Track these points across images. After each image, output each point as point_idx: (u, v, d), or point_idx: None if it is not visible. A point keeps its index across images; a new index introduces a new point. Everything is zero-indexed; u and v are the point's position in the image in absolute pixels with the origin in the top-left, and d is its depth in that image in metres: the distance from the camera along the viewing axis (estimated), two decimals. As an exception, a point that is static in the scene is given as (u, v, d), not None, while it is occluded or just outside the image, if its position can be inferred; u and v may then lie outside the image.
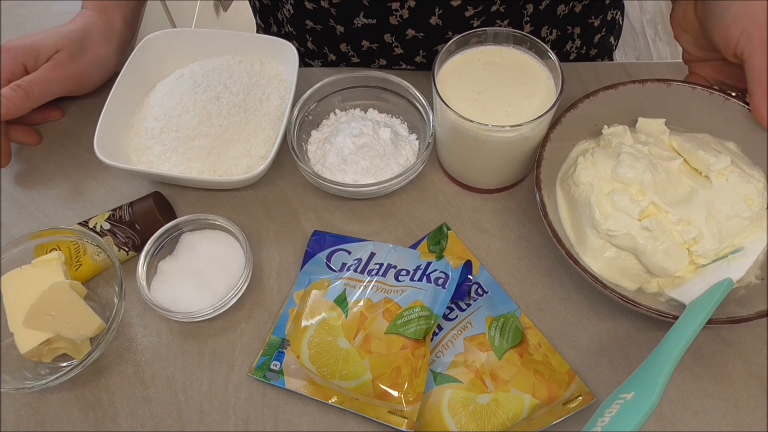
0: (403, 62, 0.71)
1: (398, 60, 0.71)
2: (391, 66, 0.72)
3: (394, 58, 0.71)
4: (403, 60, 0.71)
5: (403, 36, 0.68)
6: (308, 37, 0.73)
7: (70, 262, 0.54)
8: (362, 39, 0.69)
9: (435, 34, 0.67)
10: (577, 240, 0.51)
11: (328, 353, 0.49)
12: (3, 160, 0.62)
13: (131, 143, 0.61)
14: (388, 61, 0.72)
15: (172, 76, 0.65)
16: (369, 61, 0.73)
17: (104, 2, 0.67)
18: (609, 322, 0.52)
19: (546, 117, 0.50)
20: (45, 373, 0.51)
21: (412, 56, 0.71)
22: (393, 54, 0.71)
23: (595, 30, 0.77)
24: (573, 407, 0.47)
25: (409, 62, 0.71)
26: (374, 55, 0.72)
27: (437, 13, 0.64)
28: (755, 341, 0.51)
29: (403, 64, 0.72)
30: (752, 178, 0.50)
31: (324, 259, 0.55)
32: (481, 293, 0.53)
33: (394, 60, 0.71)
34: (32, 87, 0.60)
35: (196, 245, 0.55)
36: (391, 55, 0.71)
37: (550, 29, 0.71)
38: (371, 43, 0.69)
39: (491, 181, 0.59)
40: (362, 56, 0.72)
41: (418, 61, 0.71)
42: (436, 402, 0.48)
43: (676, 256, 0.48)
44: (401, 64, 0.72)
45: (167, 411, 0.50)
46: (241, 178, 0.56)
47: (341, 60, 0.74)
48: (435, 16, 0.65)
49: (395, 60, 0.71)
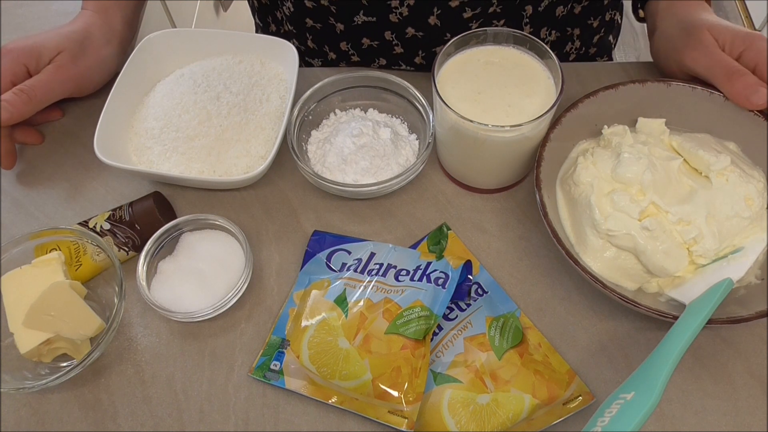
0: (403, 62, 0.71)
1: (398, 60, 0.71)
2: (390, 66, 0.72)
3: (394, 57, 0.71)
4: (403, 60, 0.71)
5: (403, 34, 0.68)
6: (308, 36, 0.73)
7: (70, 262, 0.54)
8: (363, 37, 0.69)
9: (434, 35, 0.67)
10: (577, 240, 0.51)
11: (328, 353, 0.49)
12: (8, 162, 0.62)
13: (131, 143, 0.61)
14: (388, 61, 0.72)
15: (172, 76, 0.65)
16: (369, 60, 0.73)
17: (104, 2, 0.67)
18: (609, 322, 0.52)
19: (546, 117, 0.50)
20: (45, 373, 0.51)
21: (411, 56, 0.71)
22: (393, 53, 0.71)
23: (594, 31, 0.77)
24: (573, 407, 0.47)
25: (408, 63, 0.71)
26: (374, 54, 0.71)
27: (436, 12, 0.64)
28: (755, 341, 0.51)
29: (403, 65, 0.72)
30: (752, 178, 0.50)
31: (324, 259, 0.55)
32: (481, 293, 0.53)
33: (394, 59, 0.71)
34: (34, 90, 0.60)
35: (196, 245, 0.55)
36: (391, 54, 0.71)
37: (549, 30, 0.71)
38: (372, 41, 0.69)
39: (491, 181, 0.59)
40: (362, 54, 0.72)
41: (417, 62, 0.71)
42: (436, 402, 0.48)
43: (676, 256, 0.48)
44: (401, 64, 0.72)
45: (167, 411, 0.50)
46: (241, 178, 0.56)
47: (341, 59, 0.74)
48: (434, 16, 0.65)
49: (395, 59, 0.71)
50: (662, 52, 0.61)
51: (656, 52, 0.63)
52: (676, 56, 0.58)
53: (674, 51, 0.58)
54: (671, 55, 0.59)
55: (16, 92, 0.59)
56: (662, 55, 0.61)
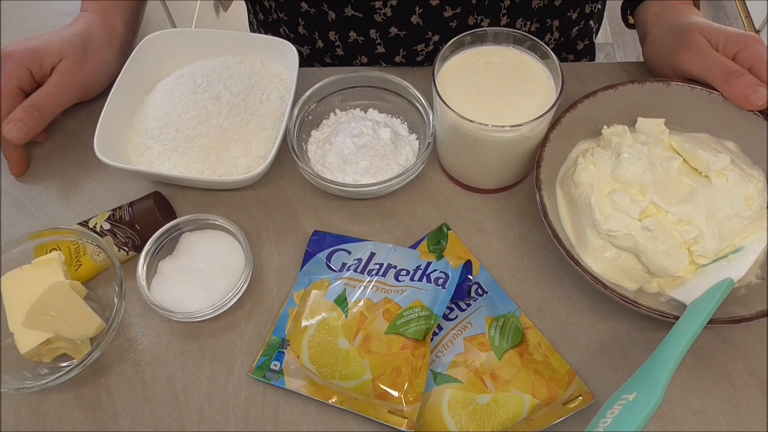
0: (384, 62, 0.72)
1: (378, 59, 0.72)
2: (371, 65, 0.73)
3: (375, 57, 0.72)
4: (384, 59, 0.72)
5: (387, 33, 0.68)
6: (300, 21, 0.73)
7: (70, 262, 0.54)
8: (350, 29, 0.70)
9: (415, 34, 0.68)
10: (577, 241, 0.51)
11: (328, 353, 0.50)
12: (21, 169, 0.62)
13: (131, 143, 0.61)
14: (369, 59, 0.73)
15: (172, 76, 0.65)
16: (352, 56, 0.73)
17: (104, 3, 0.67)
18: (609, 322, 0.52)
19: (546, 117, 0.50)
20: (45, 373, 0.51)
21: (392, 56, 0.71)
22: (375, 52, 0.71)
23: (574, 22, 0.77)
24: (573, 407, 0.47)
25: (389, 62, 0.72)
26: (358, 50, 0.72)
27: (418, 12, 0.65)
28: (755, 341, 0.51)
29: (384, 64, 0.72)
30: (752, 177, 0.50)
31: (324, 259, 0.56)
32: (481, 293, 0.53)
33: (375, 59, 0.72)
34: (44, 105, 0.60)
35: (196, 245, 0.55)
36: (373, 53, 0.72)
37: (524, 21, 0.71)
38: (357, 35, 0.70)
39: (491, 181, 0.59)
40: (347, 48, 0.72)
41: (397, 60, 0.72)
42: (436, 402, 0.48)
43: (677, 256, 0.48)
44: (381, 63, 0.72)
45: (167, 411, 0.50)
46: (241, 178, 0.56)
47: (327, 50, 0.74)
48: (416, 15, 0.65)
49: (376, 59, 0.72)
50: (655, 57, 0.61)
51: (649, 58, 0.63)
52: (670, 61, 0.58)
53: (668, 56, 0.58)
54: (665, 60, 0.59)
55: (27, 109, 0.59)
56: (655, 60, 0.61)
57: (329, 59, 0.75)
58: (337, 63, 0.76)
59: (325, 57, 0.75)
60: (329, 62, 0.76)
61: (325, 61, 0.76)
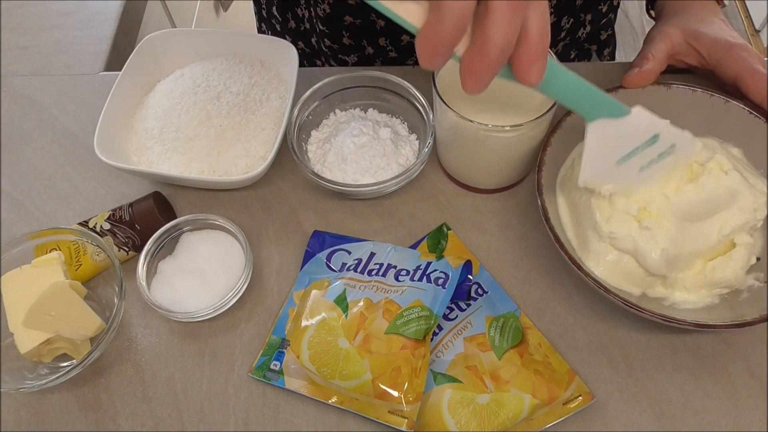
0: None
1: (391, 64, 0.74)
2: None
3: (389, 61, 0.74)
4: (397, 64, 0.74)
5: (398, 41, 0.70)
6: (344, 33, 0.73)
7: (70, 262, 0.54)
8: (402, 34, 0.71)
9: None
10: (579, 244, 0.51)
11: (328, 353, 0.50)
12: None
13: (131, 143, 0.61)
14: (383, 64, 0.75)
15: (172, 76, 0.65)
16: (406, 56, 0.75)
17: None
18: (609, 322, 0.52)
19: (546, 117, 0.50)
20: (45, 373, 0.51)
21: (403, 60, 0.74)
22: (389, 56, 0.73)
23: (603, 15, 0.79)
24: (573, 407, 0.47)
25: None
26: (372, 58, 0.73)
27: None
28: (755, 341, 0.51)
29: None
30: (754, 188, 0.49)
31: (324, 259, 0.56)
32: (481, 293, 0.53)
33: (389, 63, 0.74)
34: None
35: (196, 245, 0.55)
36: (387, 57, 0.73)
37: (568, 19, 0.73)
38: (368, 44, 0.71)
39: (491, 181, 0.59)
40: (400, 51, 0.74)
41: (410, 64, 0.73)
42: (436, 402, 0.48)
43: (677, 256, 0.48)
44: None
45: (167, 411, 0.50)
46: (241, 178, 0.56)
47: (378, 55, 0.75)
48: None
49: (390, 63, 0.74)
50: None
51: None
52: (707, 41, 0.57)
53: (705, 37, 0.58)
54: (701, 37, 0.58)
55: None
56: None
57: (379, 64, 0.77)
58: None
59: (375, 63, 0.76)
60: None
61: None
